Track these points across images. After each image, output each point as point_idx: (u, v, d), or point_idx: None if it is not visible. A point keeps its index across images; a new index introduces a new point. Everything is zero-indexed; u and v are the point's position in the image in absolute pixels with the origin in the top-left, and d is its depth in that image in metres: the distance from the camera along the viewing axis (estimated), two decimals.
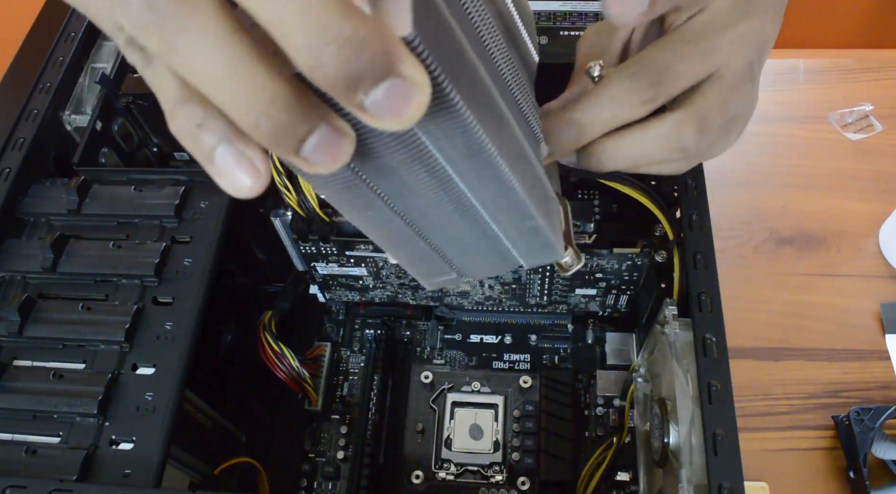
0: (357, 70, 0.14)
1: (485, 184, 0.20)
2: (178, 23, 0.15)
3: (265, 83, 0.15)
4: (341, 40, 0.14)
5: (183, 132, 0.17)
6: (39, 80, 0.48)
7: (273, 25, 0.15)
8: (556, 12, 0.51)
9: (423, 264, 0.24)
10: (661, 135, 0.28)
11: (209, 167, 0.17)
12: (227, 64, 0.15)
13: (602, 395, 0.55)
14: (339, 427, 0.54)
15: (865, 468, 0.50)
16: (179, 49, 0.15)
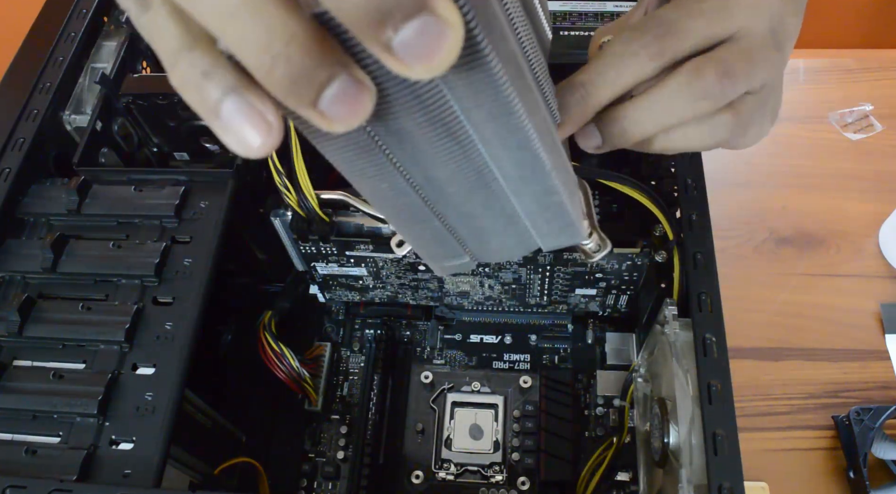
0: (386, 2, 0.13)
1: (510, 151, 0.19)
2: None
3: (283, 20, 0.14)
4: None
5: (186, 83, 0.16)
6: (39, 80, 0.48)
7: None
8: (556, 12, 0.51)
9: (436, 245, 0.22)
10: (680, 85, 0.25)
11: (215, 122, 0.16)
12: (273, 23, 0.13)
13: (602, 395, 0.55)
14: (339, 427, 0.54)
15: (865, 468, 0.50)
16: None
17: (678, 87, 0.25)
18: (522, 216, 0.22)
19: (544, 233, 0.23)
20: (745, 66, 0.26)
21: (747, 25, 0.26)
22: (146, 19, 0.16)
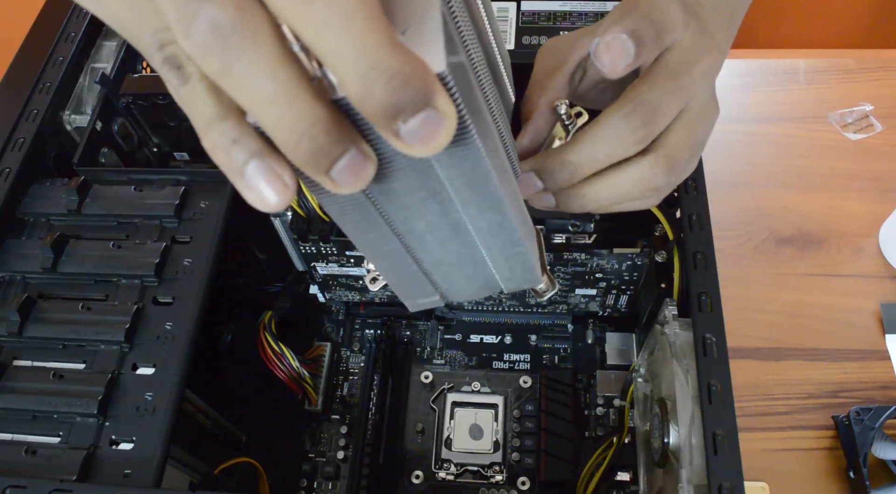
0: (400, 101, 0.16)
1: (483, 211, 0.22)
2: (240, 48, 0.16)
3: (311, 106, 0.16)
4: (391, 74, 0.15)
5: (217, 147, 0.18)
6: (39, 80, 0.48)
7: (329, 56, 0.16)
8: (556, 12, 0.51)
9: (411, 285, 0.25)
10: (636, 178, 0.29)
11: (239, 181, 0.18)
12: (279, 87, 0.16)
13: (602, 395, 0.55)
14: (339, 427, 0.54)
15: (865, 468, 0.50)
16: (236, 72, 0.16)
17: (634, 180, 0.29)
18: (489, 263, 0.25)
19: (507, 277, 0.26)
20: (687, 155, 0.30)
21: (696, 94, 0.30)
22: (185, 91, 0.18)
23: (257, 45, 0.16)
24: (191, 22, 0.16)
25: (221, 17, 0.15)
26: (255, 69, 0.16)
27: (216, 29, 0.16)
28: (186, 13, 0.16)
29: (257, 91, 0.16)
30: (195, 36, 0.16)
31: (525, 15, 0.52)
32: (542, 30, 0.50)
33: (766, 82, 0.75)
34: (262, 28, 0.16)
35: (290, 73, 0.16)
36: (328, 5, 0.15)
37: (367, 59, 0.15)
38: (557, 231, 0.48)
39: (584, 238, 0.47)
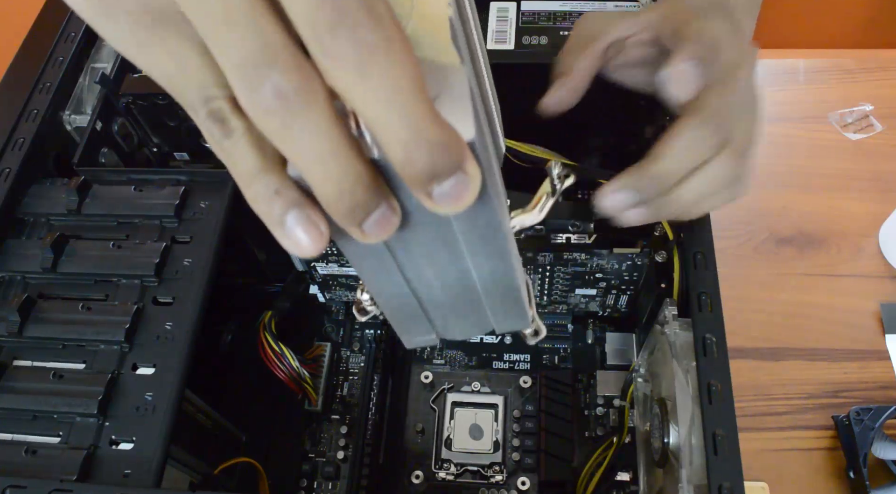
0: (437, 167, 0.17)
1: (490, 259, 0.24)
2: (299, 112, 0.17)
3: (355, 165, 0.18)
4: (432, 144, 0.17)
5: (259, 198, 0.19)
6: (39, 80, 0.48)
7: (377, 124, 0.17)
8: (556, 12, 0.51)
9: (411, 324, 0.27)
10: (717, 175, 0.33)
11: (278, 230, 0.19)
12: (329, 147, 0.17)
13: (602, 395, 0.55)
14: (339, 428, 0.54)
15: (865, 468, 0.50)
16: (293, 133, 0.17)
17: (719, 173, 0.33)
18: (487, 307, 0.27)
19: (500, 320, 0.28)
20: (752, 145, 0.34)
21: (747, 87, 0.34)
22: (228, 144, 0.19)
23: (314, 109, 0.17)
24: (258, 87, 0.17)
25: (286, 84, 0.17)
26: (311, 131, 0.17)
27: (280, 94, 0.17)
28: (254, 79, 0.17)
29: (310, 150, 0.18)
30: (260, 100, 0.17)
31: (525, 15, 0.52)
32: (542, 30, 0.50)
33: (766, 82, 0.75)
34: (319, 94, 0.17)
35: (339, 134, 0.18)
36: (381, 80, 0.16)
37: (411, 130, 0.17)
38: (557, 231, 0.48)
39: (584, 238, 0.47)
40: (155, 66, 0.19)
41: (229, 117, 0.19)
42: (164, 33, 0.18)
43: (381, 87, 0.16)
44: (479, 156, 0.19)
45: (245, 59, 0.17)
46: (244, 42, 0.17)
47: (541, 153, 0.51)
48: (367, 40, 0.16)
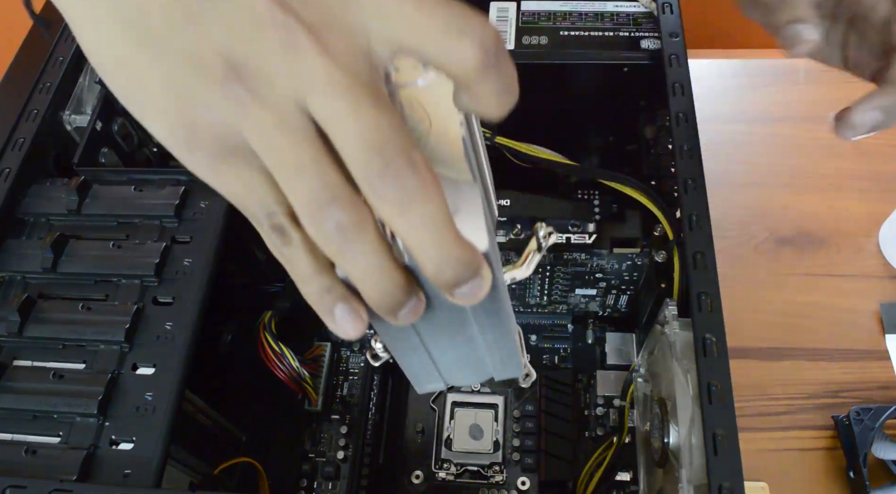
0: (460, 277, 0.22)
1: (492, 326, 0.28)
2: (354, 239, 0.21)
3: (394, 275, 0.22)
4: (458, 262, 0.21)
5: (313, 295, 0.23)
6: (39, 80, 0.48)
7: (414, 247, 0.21)
8: (556, 12, 0.51)
9: (422, 374, 0.31)
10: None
11: (328, 318, 0.23)
12: (375, 264, 0.22)
13: (602, 395, 0.55)
14: (339, 428, 0.54)
15: (865, 468, 0.50)
16: (348, 253, 0.21)
17: None
18: (488, 362, 0.31)
19: (499, 370, 0.32)
20: None
21: None
22: (288, 250, 0.23)
23: (365, 237, 0.21)
24: (322, 222, 0.21)
25: (344, 219, 0.21)
26: (362, 252, 0.21)
27: (340, 227, 0.21)
28: (318, 215, 0.21)
29: (360, 267, 0.22)
30: (324, 230, 0.21)
31: (525, 15, 0.52)
32: (542, 30, 0.50)
33: (766, 82, 0.75)
34: (369, 224, 0.21)
35: (383, 254, 0.22)
36: (418, 216, 0.21)
37: (441, 253, 0.21)
38: (557, 231, 0.48)
39: (584, 238, 0.47)
40: (226, 188, 0.23)
41: (289, 230, 0.23)
42: (235, 164, 0.22)
43: (418, 222, 0.21)
44: (491, 261, 0.23)
45: (311, 198, 0.21)
46: (311, 184, 0.21)
47: (541, 153, 0.51)
48: (407, 186, 0.20)
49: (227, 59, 0.21)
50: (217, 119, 0.21)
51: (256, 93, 0.20)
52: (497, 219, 0.34)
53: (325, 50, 0.20)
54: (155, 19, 0.21)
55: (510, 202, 0.48)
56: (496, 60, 0.21)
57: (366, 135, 0.20)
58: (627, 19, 0.50)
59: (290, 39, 0.20)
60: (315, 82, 0.20)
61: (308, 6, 0.21)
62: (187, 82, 0.21)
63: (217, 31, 0.21)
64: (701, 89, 0.72)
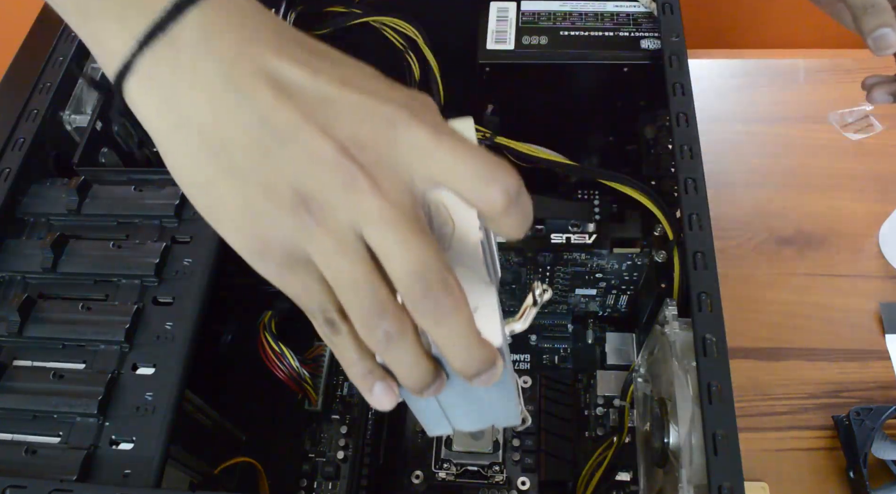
0: (481, 370, 0.26)
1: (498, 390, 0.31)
2: (398, 341, 0.25)
3: (426, 366, 0.27)
4: (480, 359, 0.26)
5: (357, 375, 0.28)
6: (39, 80, 0.48)
7: (444, 349, 0.25)
8: (556, 12, 0.51)
9: (433, 422, 0.34)
10: None
11: (367, 394, 0.28)
12: (412, 359, 0.26)
13: (602, 395, 0.55)
14: (339, 428, 0.54)
15: (865, 468, 0.50)
16: (392, 351, 0.26)
17: None
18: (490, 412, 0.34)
19: (501, 419, 0.35)
20: None
21: None
22: (337, 339, 0.27)
23: (407, 341, 0.26)
24: (373, 330, 0.25)
25: (392, 329, 0.25)
26: (403, 351, 0.26)
27: (388, 334, 0.25)
28: (370, 324, 0.25)
29: (400, 361, 0.26)
30: (374, 336, 0.25)
31: (525, 15, 0.52)
32: (542, 30, 0.50)
33: (766, 82, 0.75)
34: (410, 331, 0.26)
35: (419, 352, 0.26)
36: (450, 328, 0.25)
37: (467, 354, 0.26)
38: (557, 231, 0.48)
39: (584, 238, 0.47)
40: (288, 289, 0.27)
41: (339, 324, 0.27)
42: (298, 272, 0.26)
43: (449, 332, 0.25)
44: (503, 352, 0.27)
45: (364, 311, 0.25)
46: (364, 299, 0.25)
47: (541, 153, 0.51)
48: (442, 305, 0.25)
49: (298, 192, 0.25)
50: (286, 238, 0.26)
51: (321, 222, 0.25)
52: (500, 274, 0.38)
53: (378, 188, 0.25)
54: (238, 155, 0.25)
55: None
56: (517, 199, 0.26)
57: (412, 263, 0.25)
58: (627, 19, 0.50)
59: (350, 180, 0.25)
60: (370, 216, 0.25)
61: (364, 151, 0.25)
62: (263, 207, 0.25)
63: (290, 168, 0.25)
64: (701, 89, 0.72)
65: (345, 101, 0.26)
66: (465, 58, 0.51)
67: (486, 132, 0.53)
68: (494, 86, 0.52)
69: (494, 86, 0.52)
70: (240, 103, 0.25)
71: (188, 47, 0.25)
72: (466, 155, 0.25)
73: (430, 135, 0.25)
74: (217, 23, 0.26)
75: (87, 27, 0.28)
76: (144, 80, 0.26)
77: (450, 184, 0.25)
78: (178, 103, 0.26)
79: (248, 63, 0.25)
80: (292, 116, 0.25)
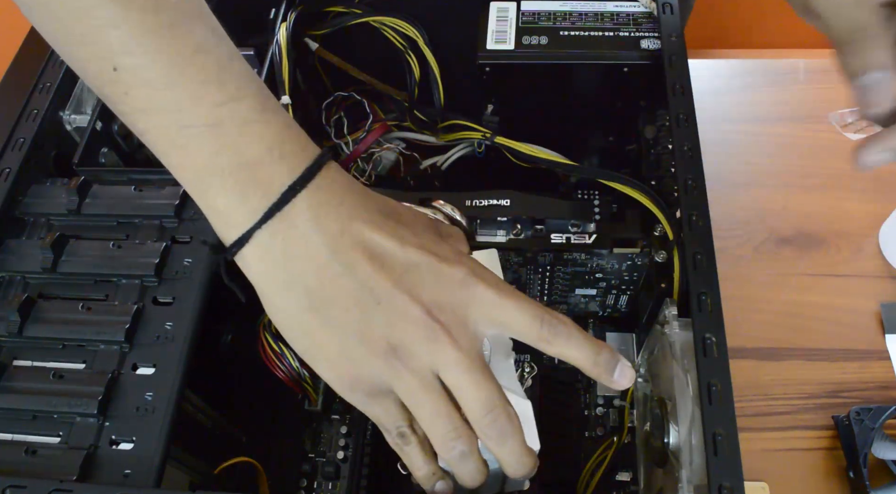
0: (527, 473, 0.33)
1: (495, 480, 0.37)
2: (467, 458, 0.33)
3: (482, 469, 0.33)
4: (526, 467, 0.33)
5: (423, 477, 0.34)
6: (39, 80, 0.48)
7: (503, 462, 0.33)
8: (556, 12, 0.51)
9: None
10: None
11: (429, 489, 0.35)
12: (475, 469, 0.33)
13: (602, 395, 0.55)
14: (339, 428, 0.54)
15: (865, 468, 0.50)
16: (460, 464, 0.33)
17: None
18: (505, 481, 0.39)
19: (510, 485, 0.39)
20: None
21: None
22: (407, 449, 0.34)
23: (474, 457, 0.33)
24: (450, 450, 0.32)
25: (465, 449, 0.32)
26: (470, 463, 0.33)
27: (461, 453, 0.32)
28: (448, 445, 0.32)
29: (466, 471, 0.33)
30: (450, 453, 0.32)
31: (525, 15, 0.52)
32: (542, 30, 0.50)
33: (766, 82, 0.75)
34: (476, 449, 0.33)
35: (480, 464, 0.33)
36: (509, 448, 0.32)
37: (520, 465, 0.33)
38: (557, 231, 0.48)
39: (584, 238, 0.47)
40: (370, 412, 0.33)
41: (409, 436, 0.33)
42: (382, 401, 0.33)
43: (510, 451, 0.32)
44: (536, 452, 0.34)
45: (443, 436, 0.32)
46: (444, 428, 0.32)
47: (541, 153, 0.51)
48: (504, 431, 0.32)
49: (389, 341, 0.31)
50: (376, 377, 0.32)
51: (407, 365, 0.31)
52: None
53: (454, 341, 0.31)
54: (338, 311, 0.31)
55: (510, 202, 0.48)
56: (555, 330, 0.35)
57: (482, 400, 0.31)
58: (627, 19, 0.50)
59: (433, 335, 0.31)
60: (448, 363, 0.31)
61: (444, 311, 0.32)
62: (358, 353, 0.31)
63: (383, 322, 0.31)
64: (701, 89, 0.72)
65: (426, 267, 0.32)
66: (465, 58, 0.51)
67: (487, 132, 0.53)
68: (494, 86, 0.52)
69: (494, 87, 0.52)
70: (343, 272, 0.31)
71: (300, 224, 0.30)
72: (521, 306, 0.34)
73: (493, 293, 0.33)
74: (323, 204, 0.31)
75: (206, 199, 0.31)
76: (260, 248, 0.31)
77: (508, 329, 0.34)
78: (289, 270, 0.31)
79: (349, 238, 0.31)
80: (386, 283, 0.31)
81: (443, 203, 0.43)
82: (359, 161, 0.58)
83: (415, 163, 0.58)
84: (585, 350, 0.35)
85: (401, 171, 0.60)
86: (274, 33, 0.51)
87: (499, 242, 0.48)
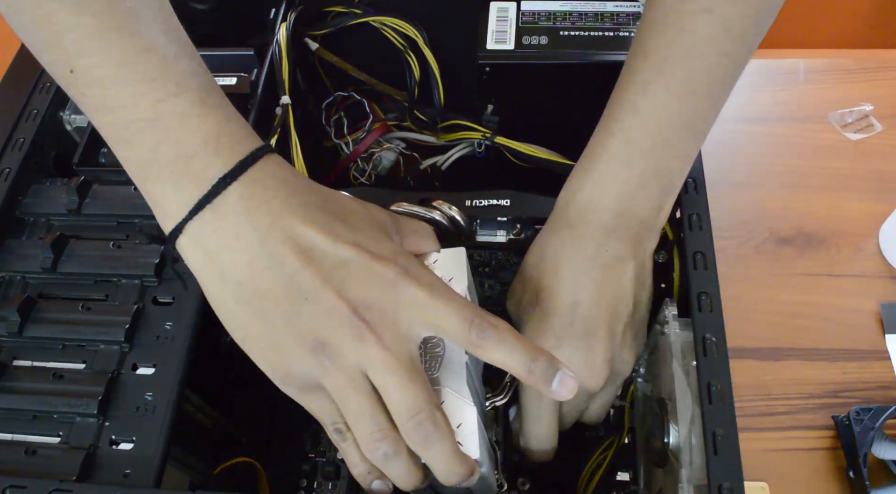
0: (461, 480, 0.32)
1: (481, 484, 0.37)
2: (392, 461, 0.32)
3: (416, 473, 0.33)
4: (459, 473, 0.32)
5: (359, 474, 0.34)
6: (39, 80, 0.48)
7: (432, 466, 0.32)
8: (556, 12, 0.51)
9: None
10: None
11: (366, 487, 0.34)
12: (403, 471, 0.32)
13: None
14: None
15: (865, 468, 0.50)
16: (386, 466, 0.32)
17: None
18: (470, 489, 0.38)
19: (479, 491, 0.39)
20: None
21: None
22: (344, 445, 0.34)
23: (400, 458, 0.32)
24: (374, 451, 0.32)
25: (389, 450, 0.32)
26: (396, 465, 0.32)
27: (385, 454, 0.32)
28: (372, 446, 0.32)
29: (395, 474, 0.33)
30: (374, 455, 0.32)
31: (525, 15, 0.52)
32: (542, 30, 0.50)
33: (766, 82, 0.75)
34: (403, 450, 0.32)
35: (410, 463, 0.32)
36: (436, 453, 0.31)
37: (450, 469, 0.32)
38: None
39: None
40: (306, 405, 0.34)
41: (346, 433, 0.33)
42: (314, 395, 0.33)
43: (436, 456, 0.31)
44: (480, 462, 0.33)
45: (367, 436, 0.32)
46: (368, 427, 0.31)
47: (541, 153, 0.51)
48: (431, 436, 0.31)
49: (317, 338, 0.31)
50: (306, 372, 0.32)
51: (335, 362, 0.31)
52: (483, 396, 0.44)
53: (381, 341, 0.31)
54: (269, 305, 0.31)
55: (510, 202, 0.48)
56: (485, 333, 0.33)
57: (406, 403, 0.31)
58: (627, 19, 0.50)
59: (359, 334, 0.31)
60: (374, 362, 0.31)
61: (371, 310, 0.31)
62: (288, 348, 0.32)
63: (311, 318, 0.31)
64: None
65: (357, 265, 0.31)
66: (465, 58, 0.51)
67: (486, 132, 0.53)
68: (494, 86, 0.52)
69: (494, 87, 0.52)
70: (272, 266, 0.30)
71: (230, 216, 0.31)
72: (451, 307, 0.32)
73: (424, 293, 0.32)
74: (254, 196, 0.31)
75: (146, 187, 0.32)
76: (194, 239, 0.31)
77: (440, 331, 0.32)
78: (220, 261, 0.31)
79: (279, 231, 0.31)
80: (314, 279, 0.31)
81: (442, 203, 0.43)
82: (359, 161, 0.58)
83: (415, 163, 0.58)
84: (518, 356, 0.32)
85: (401, 171, 0.60)
86: (274, 33, 0.51)
87: (499, 242, 0.48)
